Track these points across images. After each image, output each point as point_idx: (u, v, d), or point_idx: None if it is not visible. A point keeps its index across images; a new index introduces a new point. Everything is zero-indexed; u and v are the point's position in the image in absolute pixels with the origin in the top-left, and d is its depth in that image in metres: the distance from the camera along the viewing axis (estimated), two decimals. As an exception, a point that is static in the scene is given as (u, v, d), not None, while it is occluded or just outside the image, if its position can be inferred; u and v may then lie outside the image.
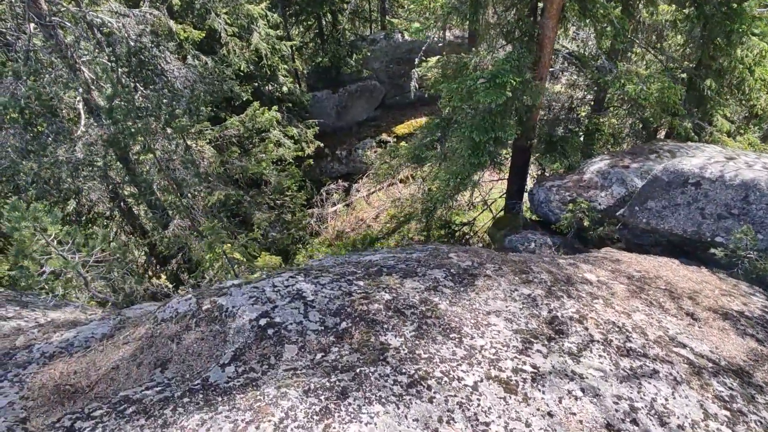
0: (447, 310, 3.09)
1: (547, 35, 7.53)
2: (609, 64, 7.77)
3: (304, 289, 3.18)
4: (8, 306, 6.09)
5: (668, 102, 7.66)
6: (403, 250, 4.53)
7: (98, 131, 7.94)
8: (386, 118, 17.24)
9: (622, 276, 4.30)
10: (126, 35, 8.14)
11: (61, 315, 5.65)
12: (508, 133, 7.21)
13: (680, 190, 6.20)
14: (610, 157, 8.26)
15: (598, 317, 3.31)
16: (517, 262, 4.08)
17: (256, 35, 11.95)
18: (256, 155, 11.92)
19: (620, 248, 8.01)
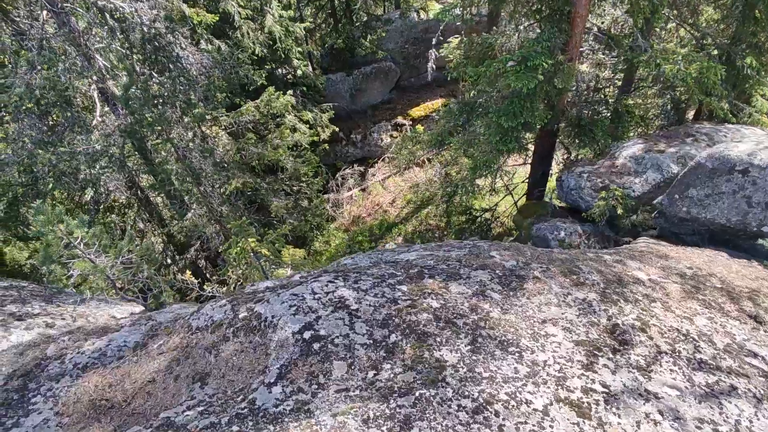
0: (500, 319, 2.89)
1: (579, 13, 7.11)
2: (644, 43, 7.34)
3: (347, 297, 3.00)
4: (33, 302, 6.03)
5: (707, 83, 7.24)
6: (439, 247, 4.32)
7: (115, 121, 7.77)
8: (401, 101, 16.84)
9: (673, 274, 4.05)
10: (139, 21, 7.88)
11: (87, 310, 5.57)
12: (538, 118, 6.89)
13: (725, 178, 5.86)
14: (644, 141, 7.89)
15: (660, 324, 3.08)
16: (563, 261, 3.85)
17: (270, 17, 11.59)
18: (272, 141, 11.69)
19: (653, 236, 7.73)
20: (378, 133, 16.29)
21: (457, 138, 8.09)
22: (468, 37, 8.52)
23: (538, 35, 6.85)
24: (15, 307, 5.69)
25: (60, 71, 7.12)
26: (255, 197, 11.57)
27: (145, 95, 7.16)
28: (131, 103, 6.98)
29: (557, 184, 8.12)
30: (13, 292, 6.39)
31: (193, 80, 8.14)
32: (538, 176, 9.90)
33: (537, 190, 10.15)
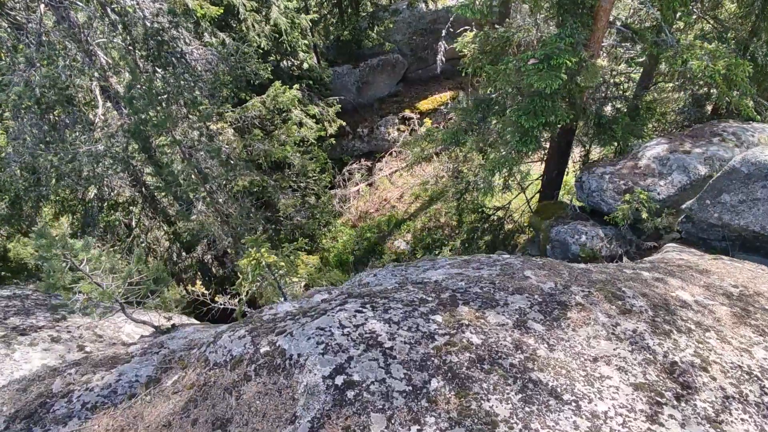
0: (549, 358, 2.63)
1: (603, 6, 6.77)
2: (671, 38, 6.99)
3: (378, 332, 2.74)
4: (38, 313, 5.80)
5: (735, 80, 6.90)
6: (467, 264, 4.06)
7: (118, 120, 7.47)
8: (409, 93, 16.45)
9: (719, 294, 3.78)
10: (142, 15, 7.53)
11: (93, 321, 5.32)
12: (560, 117, 6.58)
13: (761, 184, 5.57)
14: (668, 140, 7.57)
15: (720, 360, 2.83)
16: (604, 282, 3.58)
17: (275, 9, 11.19)
18: (278, 137, 11.38)
19: (676, 240, 7.45)
20: (385, 127, 15.94)
21: (473, 137, 7.78)
22: (484, 30, 8.16)
23: (560, 30, 6.50)
24: (19, 319, 5.46)
25: (60, 68, 6.80)
26: (262, 195, 11.29)
27: (149, 94, 6.85)
28: (135, 102, 6.68)
29: (576, 185, 7.82)
30: (17, 302, 6.16)
31: (199, 77, 7.82)
32: (554, 175, 9.60)
33: (552, 190, 9.85)
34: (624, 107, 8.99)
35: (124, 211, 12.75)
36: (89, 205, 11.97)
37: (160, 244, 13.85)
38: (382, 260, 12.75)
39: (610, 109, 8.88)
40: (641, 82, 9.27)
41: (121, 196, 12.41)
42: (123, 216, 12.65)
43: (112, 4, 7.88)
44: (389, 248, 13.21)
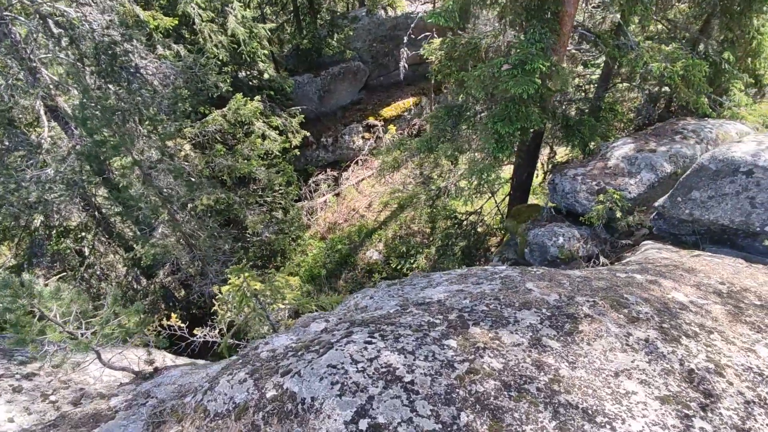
0: (572, 377, 2.55)
1: (568, 12, 6.91)
2: (632, 42, 7.24)
3: (395, 364, 2.57)
4: None
5: (693, 79, 7.23)
6: (465, 278, 3.95)
7: (68, 142, 6.89)
8: (371, 101, 16.36)
9: (710, 293, 3.86)
10: (90, 28, 7.02)
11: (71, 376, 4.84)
12: (534, 122, 6.65)
13: (729, 179, 5.82)
14: (633, 140, 7.84)
15: (731, 362, 2.84)
16: (606, 290, 3.57)
17: (232, 18, 10.81)
18: (242, 152, 10.97)
19: (646, 236, 7.68)
20: (349, 135, 15.77)
21: (447, 144, 7.75)
22: (450, 37, 8.17)
23: (528, 35, 6.58)
24: (-33, 371, 4.89)
25: (2, 88, 6.21)
26: (228, 212, 10.83)
27: (104, 113, 6.37)
28: (89, 122, 6.18)
29: (550, 187, 7.94)
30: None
31: (157, 92, 7.38)
32: (523, 177, 9.74)
33: (522, 192, 10.00)
34: (587, 108, 9.26)
35: (76, 238, 11.91)
36: (35, 234, 11.10)
37: (116, 269, 13.05)
38: (354, 273, 12.53)
39: (574, 111, 9.13)
40: (600, 83, 9.59)
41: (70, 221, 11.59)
42: (74, 243, 11.81)
43: (55, 16, 7.32)
44: (362, 259, 13.01)
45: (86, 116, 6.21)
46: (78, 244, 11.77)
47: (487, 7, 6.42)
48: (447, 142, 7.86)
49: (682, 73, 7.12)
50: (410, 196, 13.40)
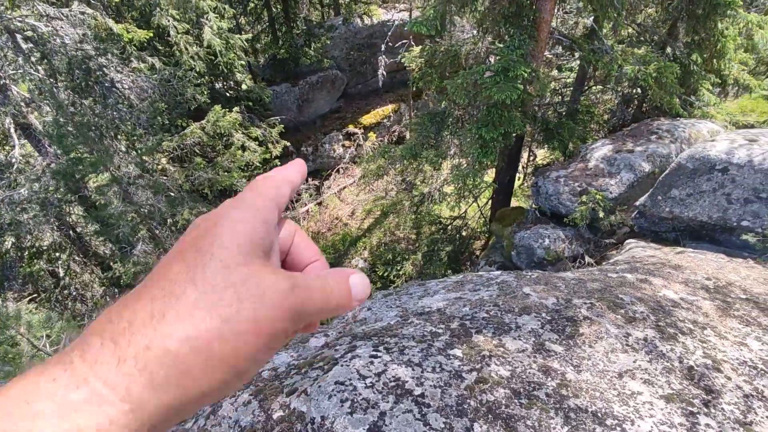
0: (579, 381, 2.57)
1: (544, 18, 7.07)
2: (607, 46, 7.45)
3: (402, 377, 2.55)
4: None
5: (666, 81, 7.48)
6: (461, 285, 3.97)
7: (42, 161, 6.66)
8: (350, 109, 16.37)
9: (698, 289, 3.98)
10: (62, 42, 6.82)
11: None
12: (517, 126, 6.75)
13: (706, 177, 6.03)
14: (611, 141, 8.05)
15: (727, 357, 2.92)
16: (601, 291, 3.64)
17: (208, 30, 10.67)
18: (222, 164, 10.80)
19: (628, 234, 7.87)
20: (330, 144, 15.72)
21: (430, 151, 7.80)
22: (430, 45, 8.26)
23: (508, 42, 6.71)
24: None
25: (-31, 108, 5.97)
26: (210, 226, 10.61)
27: (79, 129, 6.19)
28: (65, 139, 5.99)
29: (533, 189, 8.08)
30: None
31: (134, 107, 7.21)
32: (506, 181, 9.88)
33: (505, 195, 10.13)
34: (564, 111, 9.47)
35: (49, 259, 11.51)
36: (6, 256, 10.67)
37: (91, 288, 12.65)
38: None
39: (553, 115, 9.32)
40: (576, 86, 9.83)
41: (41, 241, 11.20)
42: (48, 264, 11.41)
43: (24, 31, 7.09)
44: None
45: (61, 133, 6.01)
46: (52, 264, 11.37)
47: (466, 15, 6.52)
48: (431, 149, 7.91)
49: (655, 75, 7.36)
50: (394, 203, 13.43)
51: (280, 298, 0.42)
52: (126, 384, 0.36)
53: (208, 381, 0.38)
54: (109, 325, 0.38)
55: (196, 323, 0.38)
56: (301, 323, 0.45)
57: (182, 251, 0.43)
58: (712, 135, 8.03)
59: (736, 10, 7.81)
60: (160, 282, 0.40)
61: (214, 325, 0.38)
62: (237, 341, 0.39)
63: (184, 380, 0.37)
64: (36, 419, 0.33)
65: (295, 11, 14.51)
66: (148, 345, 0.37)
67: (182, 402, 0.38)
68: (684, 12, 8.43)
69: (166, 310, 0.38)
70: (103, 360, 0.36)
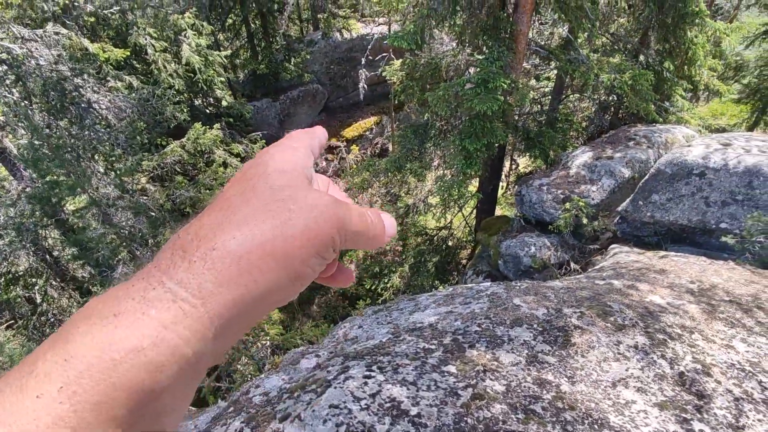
0: (574, 393, 2.57)
1: (521, 30, 7.22)
2: (582, 56, 7.63)
3: (397, 397, 2.51)
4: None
5: (641, 88, 7.68)
6: (451, 299, 3.96)
7: (18, 186, 6.46)
8: (332, 122, 16.37)
9: (683, 293, 4.04)
10: (37, 64, 6.69)
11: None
12: (499, 137, 6.84)
13: (684, 182, 6.17)
14: (591, 148, 8.20)
15: (715, 361, 2.96)
16: (590, 299, 3.66)
17: (186, 47, 10.60)
18: (204, 182, 10.67)
19: (610, 239, 7.99)
20: (312, 158, 15.68)
21: (415, 163, 7.84)
22: (410, 58, 8.34)
23: (487, 54, 6.82)
24: None
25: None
26: (193, 245, 10.44)
27: (56, 152, 6.04)
28: (41, 163, 5.84)
29: (517, 198, 8.16)
30: None
31: (112, 127, 7.08)
32: (489, 190, 9.97)
33: (489, 204, 10.22)
34: (544, 120, 9.64)
35: (26, 285, 11.15)
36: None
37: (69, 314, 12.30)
38: (327, 297, 12.33)
39: (533, 124, 9.47)
40: (555, 95, 10.03)
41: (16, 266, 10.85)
42: (24, 290, 11.04)
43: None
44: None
45: (37, 157, 5.86)
46: (29, 291, 11.02)
47: (445, 28, 6.61)
48: (415, 161, 7.95)
49: (631, 83, 7.56)
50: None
51: (325, 209, 0.47)
52: (197, 281, 0.40)
53: (266, 280, 0.42)
54: (178, 240, 0.43)
55: (252, 228, 0.43)
56: (346, 241, 0.49)
57: (235, 183, 0.48)
58: (687, 140, 8.26)
59: (704, 19, 8.09)
60: (219, 204, 0.46)
61: (267, 229, 0.43)
62: (289, 244, 0.43)
63: (245, 278, 0.41)
64: (118, 318, 0.37)
65: (273, 27, 14.53)
66: (213, 246, 0.41)
67: (246, 300, 0.42)
68: (654, 21, 8.70)
69: (225, 222, 0.43)
70: (176, 265, 0.41)
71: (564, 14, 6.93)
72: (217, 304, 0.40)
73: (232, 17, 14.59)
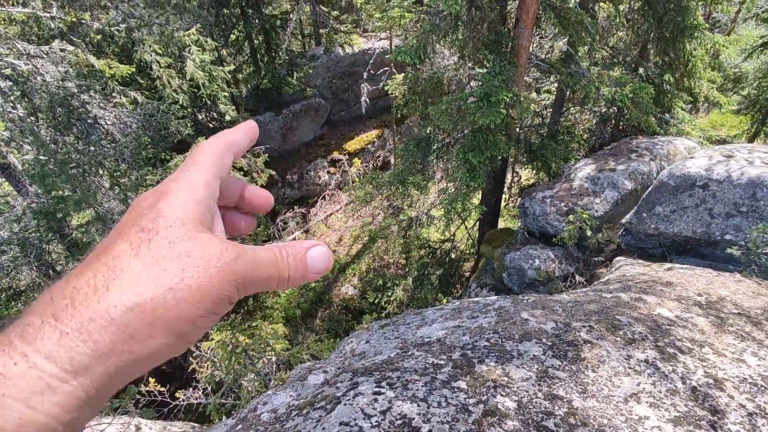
0: (586, 408, 2.55)
1: (522, 45, 7.30)
2: (583, 70, 7.70)
3: (408, 414, 2.49)
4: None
5: (641, 101, 7.73)
6: (459, 312, 3.94)
7: (23, 201, 6.49)
8: (334, 135, 16.49)
9: (692, 305, 4.02)
10: (43, 80, 6.77)
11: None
12: (502, 150, 6.87)
13: (688, 193, 6.17)
14: (593, 160, 8.23)
15: (726, 375, 2.94)
16: (598, 312, 3.65)
17: (191, 63, 10.72)
18: (207, 196, 10.69)
19: (614, 251, 7.97)
20: (315, 171, 15.75)
21: (418, 176, 7.87)
22: (412, 72, 8.43)
23: (489, 68, 6.88)
24: None
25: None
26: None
27: (62, 168, 6.08)
28: (47, 179, 5.87)
29: (520, 211, 8.17)
30: None
31: (117, 142, 7.13)
32: (492, 202, 9.98)
33: (491, 217, 10.22)
34: (545, 132, 9.69)
35: (28, 300, 11.11)
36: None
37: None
38: (330, 311, 12.28)
39: (535, 136, 9.53)
40: (556, 108, 10.10)
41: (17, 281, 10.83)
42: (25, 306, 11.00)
43: (2, 69, 7.02)
44: (337, 295, 12.79)
45: (43, 172, 5.90)
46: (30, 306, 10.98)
47: (447, 43, 6.69)
48: (417, 174, 7.98)
49: (631, 96, 7.61)
50: (381, 228, 13.42)
51: (223, 267, 0.44)
52: (69, 355, 0.37)
53: (154, 344, 0.40)
54: (50, 304, 0.39)
55: (141, 292, 0.40)
56: (249, 290, 0.47)
57: (124, 231, 0.44)
58: (689, 151, 8.28)
59: (703, 32, 8.18)
60: (103, 259, 0.42)
61: (159, 293, 0.40)
62: (180, 307, 0.41)
63: (130, 345, 0.39)
64: None
65: (276, 42, 14.71)
66: (92, 317, 0.38)
67: (129, 365, 0.40)
68: (653, 35, 8.80)
69: (109, 283, 0.40)
70: (44, 336, 0.37)
71: (564, 28, 7.01)
72: (95, 374, 0.38)
73: (236, 33, 14.78)
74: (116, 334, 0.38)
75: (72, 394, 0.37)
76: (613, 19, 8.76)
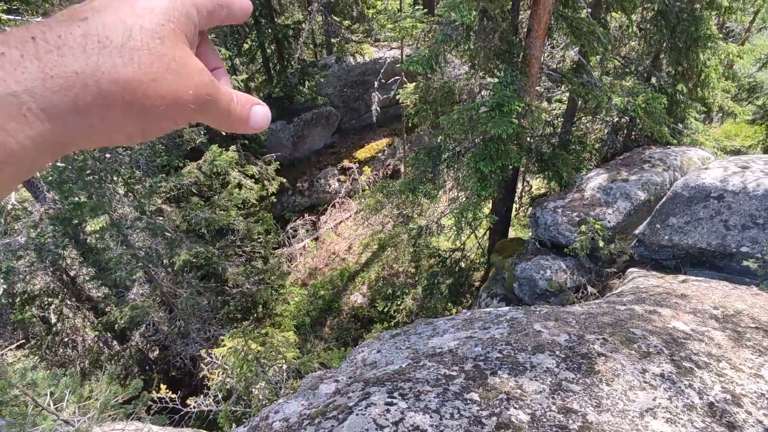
0: (600, 423, 2.52)
1: (534, 55, 7.31)
2: (595, 79, 7.69)
3: (422, 426, 2.48)
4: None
5: (654, 111, 7.69)
6: (470, 323, 3.92)
7: (40, 207, 6.61)
8: (345, 144, 16.58)
9: (708, 319, 3.96)
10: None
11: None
12: (514, 159, 6.86)
13: (702, 205, 6.10)
14: (605, 170, 8.18)
15: (744, 390, 2.88)
16: (612, 325, 3.61)
17: (204, 72, 10.88)
18: (219, 203, 10.80)
19: (627, 262, 7.88)
20: (325, 179, 15.82)
21: (428, 185, 7.88)
22: (424, 81, 8.48)
23: (501, 78, 6.90)
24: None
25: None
26: (207, 266, 10.52)
27: (79, 175, 6.20)
28: (65, 186, 5.99)
29: (532, 220, 8.13)
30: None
31: (133, 150, 7.25)
32: (503, 212, 9.94)
33: (502, 226, 10.18)
34: (557, 142, 9.67)
35: (41, 304, 11.26)
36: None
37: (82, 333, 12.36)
38: (339, 319, 12.27)
39: (546, 146, 9.51)
40: (567, 118, 10.07)
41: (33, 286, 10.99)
42: (39, 310, 11.15)
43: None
44: (346, 304, 12.79)
45: (62, 179, 6.01)
46: (44, 310, 11.13)
47: (458, 53, 6.73)
48: (428, 183, 7.99)
49: (644, 105, 7.57)
50: (391, 236, 13.41)
51: (196, 75, 0.45)
52: (49, 100, 0.36)
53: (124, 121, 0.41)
54: (32, 44, 0.37)
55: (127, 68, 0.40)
56: (207, 107, 0.48)
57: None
58: (703, 162, 8.20)
59: (716, 42, 8.13)
60: (95, 19, 0.40)
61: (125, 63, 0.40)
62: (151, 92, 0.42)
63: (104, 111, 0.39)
64: None
65: (288, 51, 14.89)
66: (77, 71, 0.38)
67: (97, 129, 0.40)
68: (666, 45, 8.76)
69: (100, 49, 0.39)
70: (26, 71, 0.36)
71: (576, 38, 7.01)
72: (68, 125, 0.38)
73: (249, 42, 14.99)
74: (96, 98, 0.38)
75: (44, 135, 0.37)
76: (626, 29, 8.74)
